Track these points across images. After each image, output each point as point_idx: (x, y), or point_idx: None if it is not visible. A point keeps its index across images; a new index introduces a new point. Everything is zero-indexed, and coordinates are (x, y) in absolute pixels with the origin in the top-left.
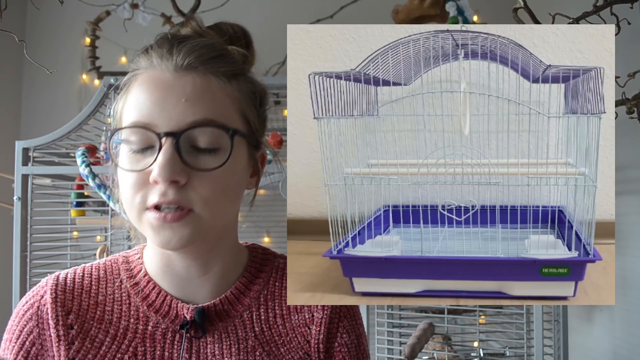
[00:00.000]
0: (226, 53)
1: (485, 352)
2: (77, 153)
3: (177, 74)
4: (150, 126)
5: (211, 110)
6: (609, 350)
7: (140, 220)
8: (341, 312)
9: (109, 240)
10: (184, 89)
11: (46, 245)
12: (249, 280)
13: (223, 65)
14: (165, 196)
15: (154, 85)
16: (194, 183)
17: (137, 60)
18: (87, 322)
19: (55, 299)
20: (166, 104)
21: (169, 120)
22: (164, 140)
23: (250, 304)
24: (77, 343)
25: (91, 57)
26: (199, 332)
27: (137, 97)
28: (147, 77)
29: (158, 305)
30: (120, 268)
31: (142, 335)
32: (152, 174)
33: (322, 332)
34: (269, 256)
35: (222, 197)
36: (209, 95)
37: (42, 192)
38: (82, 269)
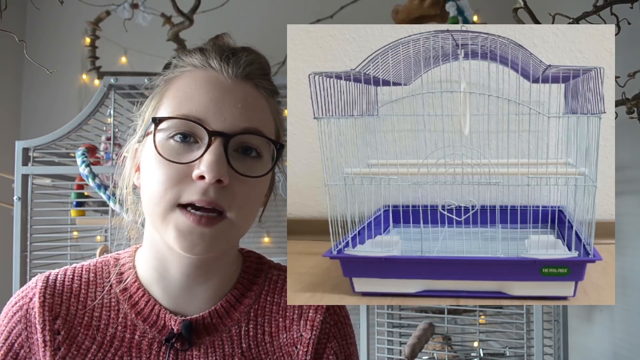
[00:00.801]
0: (270, 72)
1: (485, 352)
2: (77, 153)
3: (236, 79)
4: (203, 122)
5: (262, 121)
6: (609, 350)
7: (165, 219)
8: (330, 333)
9: (109, 240)
10: (240, 95)
11: (46, 245)
12: (241, 293)
13: (269, 84)
14: (206, 194)
15: (212, 85)
16: (234, 187)
17: (186, 58)
18: (75, 327)
19: (44, 302)
20: (223, 105)
21: (223, 120)
22: (214, 138)
23: (239, 318)
24: (63, 349)
25: (91, 57)
26: (186, 344)
27: (189, 91)
28: (203, 75)
29: (146, 314)
30: (111, 271)
31: (128, 345)
32: (199, 169)
33: (310, 353)
34: (263, 266)
35: (254, 205)
36: (260, 106)
37: (42, 192)
38: (73, 270)
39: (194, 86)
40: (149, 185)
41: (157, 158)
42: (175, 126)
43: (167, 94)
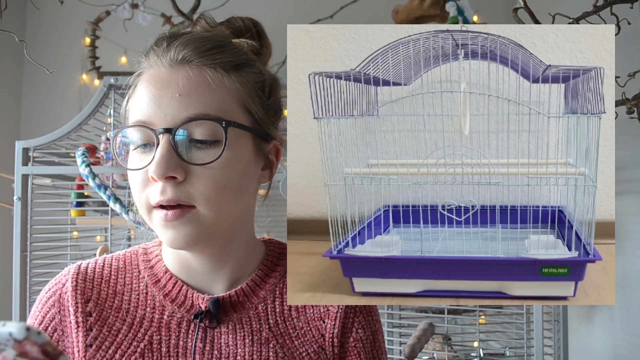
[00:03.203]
0: (226, 44)
1: (485, 352)
2: (77, 153)
3: (172, 69)
4: (148, 124)
5: (207, 104)
6: (609, 350)
7: (150, 220)
8: (357, 308)
9: (109, 240)
10: (177, 83)
11: (46, 245)
12: (265, 274)
13: (220, 57)
14: (164, 194)
15: (152, 83)
16: (192, 179)
17: (140, 61)
18: (106, 310)
19: (76, 287)
20: (161, 101)
21: (164, 116)
22: (161, 137)
23: (265, 296)
24: (94, 330)
25: (91, 57)
26: (214, 322)
27: (139, 96)
28: (147, 75)
29: (174, 295)
30: (140, 259)
31: (157, 324)
32: (149, 171)
33: (337, 327)
34: (285, 251)
35: (225, 193)
36: (204, 88)
37: (42, 192)
38: (103, 260)
39: (140, 89)
40: (132, 190)
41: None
42: (130, 133)
43: (131, 101)
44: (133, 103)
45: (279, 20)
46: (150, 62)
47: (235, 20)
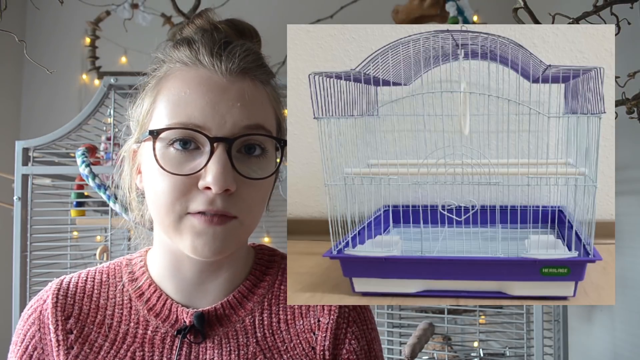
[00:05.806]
0: (263, 58)
1: (485, 352)
2: (77, 153)
3: (231, 77)
4: (203, 129)
5: (263, 116)
6: (609, 350)
7: (180, 225)
8: (350, 317)
9: (109, 240)
10: (238, 93)
11: (46, 245)
12: (253, 284)
13: (263, 72)
14: (213, 204)
15: (206, 87)
16: (241, 191)
17: (173, 53)
18: (87, 326)
19: (56, 303)
20: (220, 108)
21: (224, 124)
22: (217, 145)
23: (253, 308)
24: (75, 348)
25: (91, 57)
26: (199, 337)
27: (184, 95)
28: (195, 76)
29: (158, 309)
30: (123, 271)
31: (141, 340)
32: (204, 180)
33: (329, 339)
34: (275, 257)
35: (262, 205)
36: (259, 100)
37: (42, 192)
38: (87, 273)
39: (187, 89)
40: (155, 195)
41: (160, 169)
42: (174, 133)
43: (160, 97)
44: (172, 100)
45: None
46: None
47: (240, 24)
